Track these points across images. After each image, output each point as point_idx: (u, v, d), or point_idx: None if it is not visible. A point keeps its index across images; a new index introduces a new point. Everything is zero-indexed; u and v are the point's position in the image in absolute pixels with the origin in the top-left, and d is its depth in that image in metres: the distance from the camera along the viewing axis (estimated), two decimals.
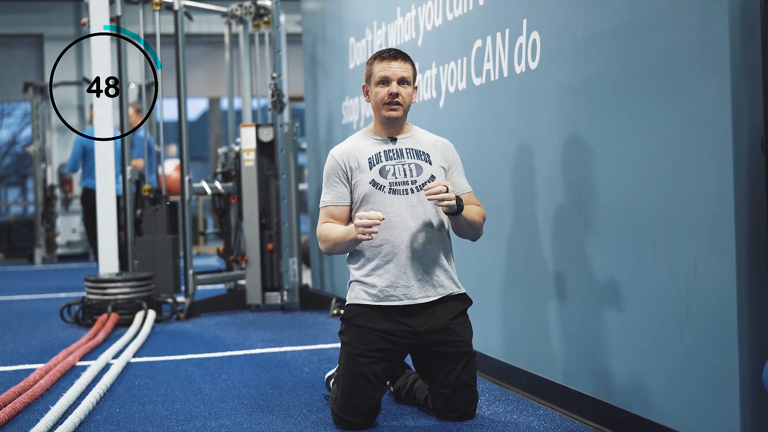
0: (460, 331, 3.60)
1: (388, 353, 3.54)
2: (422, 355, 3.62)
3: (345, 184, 3.61)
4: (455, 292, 3.63)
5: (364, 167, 3.58)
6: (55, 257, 13.34)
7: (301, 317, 6.74)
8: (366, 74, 3.67)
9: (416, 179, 3.58)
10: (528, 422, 3.58)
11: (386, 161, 3.59)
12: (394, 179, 3.56)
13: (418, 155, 3.62)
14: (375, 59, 3.63)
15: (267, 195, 7.19)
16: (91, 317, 6.43)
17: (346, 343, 3.56)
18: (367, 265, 3.58)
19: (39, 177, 13.07)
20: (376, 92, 3.60)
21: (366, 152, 3.61)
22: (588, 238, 3.52)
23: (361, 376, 3.48)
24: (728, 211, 2.75)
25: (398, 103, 3.57)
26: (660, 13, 3.04)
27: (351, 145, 3.66)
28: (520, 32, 4.00)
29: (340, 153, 3.64)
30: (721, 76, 2.76)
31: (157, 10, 7.10)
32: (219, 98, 16.35)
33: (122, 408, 3.96)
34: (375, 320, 3.53)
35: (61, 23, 14.08)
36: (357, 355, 3.51)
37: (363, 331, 3.53)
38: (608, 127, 3.37)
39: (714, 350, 2.84)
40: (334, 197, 3.62)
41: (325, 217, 3.64)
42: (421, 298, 3.55)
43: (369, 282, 3.56)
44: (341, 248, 3.58)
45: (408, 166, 3.59)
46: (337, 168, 3.61)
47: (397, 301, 3.53)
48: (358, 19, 6.36)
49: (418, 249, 3.54)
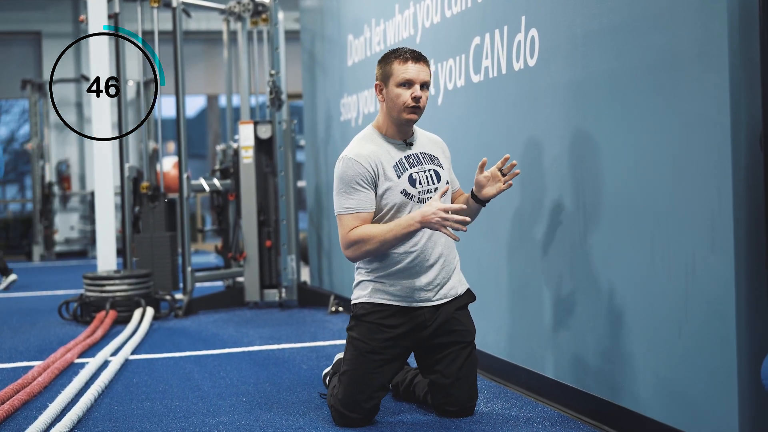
0: (464, 321, 3.63)
1: (397, 350, 3.54)
2: (425, 347, 3.62)
3: (371, 189, 3.48)
4: (463, 290, 3.67)
5: (391, 175, 3.49)
6: (53, 254, 13.34)
7: (300, 314, 6.74)
8: (383, 72, 3.53)
9: (437, 186, 3.56)
10: (527, 418, 3.58)
11: (411, 168, 3.53)
12: (422, 188, 3.52)
13: (432, 160, 3.60)
14: (396, 58, 3.50)
15: (265, 192, 7.19)
16: (89, 314, 6.43)
17: (356, 338, 3.54)
18: (382, 266, 3.53)
19: (37, 174, 13.07)
20: (397, 94, 3.48)
21: (389, 158, 3.51)
22: (586, 235, 3.52)
23: (368, 373, 3.48)
24: (727, 208, 2.75)
25: (419, 107, 3.50)
26: (659, 11, 3.04)
27: (370, 150, 3.51)
28: (518, 29, 3.99)
29: (364, 157, 3.47)
30: (719, 74, 2.76)
31: (156, 7, 7.10)
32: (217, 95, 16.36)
33: (120, 405, 3.96)
34: (389, 318, 3.52)
35: (59, 20, 14.07)
36: (367, 351, 3.50)
37: (375, 328, 3.51)
38: (607, 125, 3.37)
39: (712, 348, 2.84)
40: (359, 202, 3.46)
41: (355, 221, 3.45)
42: (437, 301, 3.57)
43: (389, 282, 3.53)
44: (390, 245, 3.43)
45: (429, 173, 3.55)
46: (364, 172, 3.45)
47: (415, 302, 3.54)
48: (357, 16, 6.35)
49: (440, 255, 3.55)
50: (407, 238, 3.43)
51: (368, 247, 3.44)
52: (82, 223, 13.91)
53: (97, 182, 7.08)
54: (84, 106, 13.81)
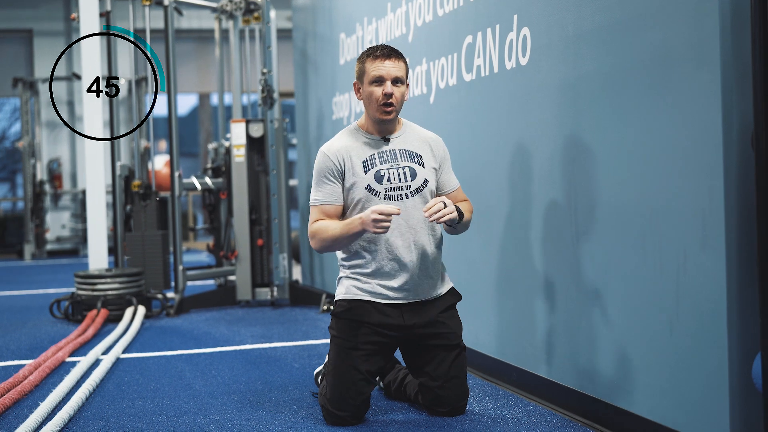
0: (450, 324, 3.61)
1: (379, 346, 3.54)
2: (412, 349, 3.62)
3: (338, 182, 3.55)
4: (444, 290, 3.65)
5: (359, 171, 3.53)
6: (44, 253, 13.30)
7: (291, 313, 6.74)
8: (358, 71, 3.59)
9: (410, 184, 3.55)
10: (518, 417, 3.58)
11: (381, 165, 3.54)
12: (390, 184, 3.53)
13: (411, 157, 3.59)
14: (368, 57, 3.55)
15: (257, 191, 7.18)
16: (80, 313, 6.41)
17: (337, 336, 3.56)
18: (361, 265, 3.56)
19: (28, 173, 13.04)
20: (370, 92, 3.52)
21: (359, 153, 3.56)
22: (578, 234, 3.52)
23: (352, 370, 3.48)
24: (718, 207, 2.75)
25: (392, 104, 3.51)
26: (651, 10, 3.04)
27: (343, 144, 3.59)
28: (510, 28, 3.99)
29: (333, 151, 3.56)
30: (711, 72, 2.76)
31: (147, 5, 7.08)
32: (209, 94, 16.32)
33: (112, 404, 3.95)
34: (366, 314, 3.53)
35: (50, 18, 14.02)
36: (348, 348, 3.51)
37: (355, 324, 3.53)
38: (599, 124, 3.37)
39: (704, 346, 2.84)
40: (326, 195, 3.56)
41: (318, 214, 3.57)
42: (412, 299, 3.56)
43: (363, 279, 3.56)
44: (340, 244, 3.52)
45: (402, 170, 3.55)
46: (331, 166, 3.54)
47: (391, 300, 3.54)
48: (349, 15, 6.35)
49: (413, 252, 3.54)
50: (354, 237, 3.46)
51: (321, 243, 3.53)
52: (74, 222, 13.87)
53: (89, 181, 7.07)
54: (75, 105, 13.78)
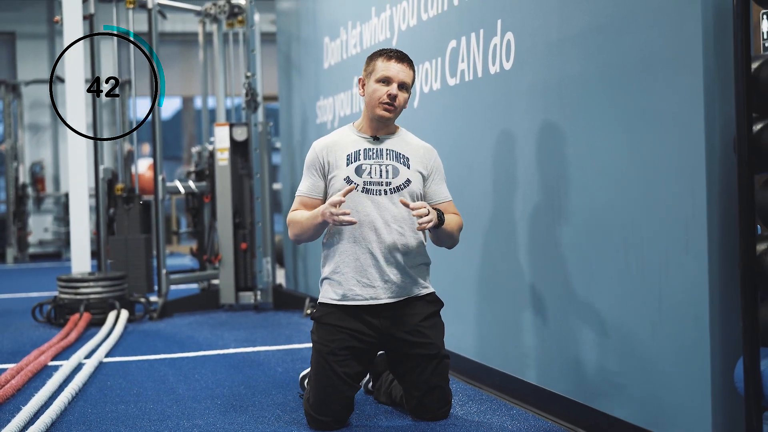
0: (429, 334, 3.60)
1: (356, 351, 3.54)
2: (395, 357, 3.63)
3: (320, 177, 3.60)
4: (422, 293, 3.63)
5: (342, 164, 3.57)
6: (26, 256, 13.22)
7: (275, 317, 6.73)
8: (367, 68, 3.61)
9: (391, 181, 3.56)
10: (501, 422, 3.59)
11: (364, 160, 3.57)
12: (369, 179, 3.55)
13: (397, 157, 3.60)
14: (381, 55, 3.57)
15: (241, 194, 7.17)
16: (63, 317, 6.38)
17: (316, 341, 3.57)
18: (334, 264, 3.58)
19: (11, 176, 12.97)
20: (374, 89, 3.55)
21: (346, 148, 3.59)
22: (560, 238, 3.53)
23: (332, 375, 3.49)
24: (700, 211, 2.77)
25: (394, 105, 3.54)
26: (634, 15, 3.06)
27: (332, 140, 3.64)
28: (494, 33, 4.01)
29: (321, 146, 3.63)
30: (694, 77, 2.78)
31: (131, 8, 7.06)
32: (193, 97, 16.27)
33: (95, 408, 3.93)
34: (343, 319, 3.54)
35: (33, 21, 13.96)
36: (327, 353, 3.51)
37: (332, 330, 3.54)
38: (582, 128, 3.38)
39: (686, 350, 2.86)
40: (308, 188, 3.62)
41: (297, 205, 3.64)
42: (386, 299, 3.56)
43: (336, 280, 3.57)
44: (307, 234, 3.57)
45: (385, 167, 3.57)
46: (316, 161, 3.61)
47: (362, 300, 3.54)
48: (333, 19, 6.35)
49: (384, 250, 3.54)
50: (318, 228, 3.53)
51: (294, 231, 3.61)
52: (56, 225, 13.80)
53: (72, 184, 7.03)
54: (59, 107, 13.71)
